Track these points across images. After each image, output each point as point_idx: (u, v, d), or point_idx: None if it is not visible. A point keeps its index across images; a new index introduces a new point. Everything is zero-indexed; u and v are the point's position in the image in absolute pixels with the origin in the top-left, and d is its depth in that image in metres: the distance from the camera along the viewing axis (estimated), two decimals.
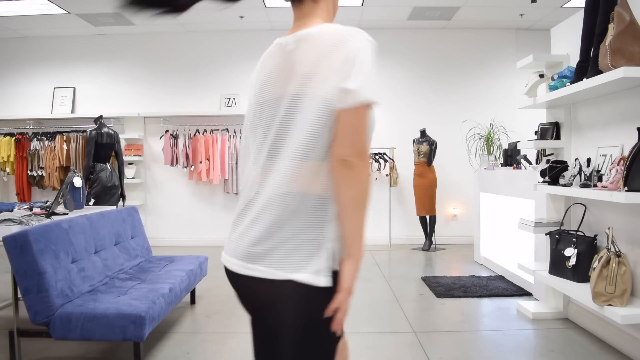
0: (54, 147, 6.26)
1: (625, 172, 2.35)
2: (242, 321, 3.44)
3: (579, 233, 2.98)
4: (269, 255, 1.04)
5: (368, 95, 1.04)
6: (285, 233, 1.04)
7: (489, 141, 5.66)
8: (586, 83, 2.68)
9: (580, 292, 2.69)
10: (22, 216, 2.94)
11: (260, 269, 1.05)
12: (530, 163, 4.41)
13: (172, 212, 6.64)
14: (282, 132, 1.07)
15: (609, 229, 2.58)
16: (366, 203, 1.06)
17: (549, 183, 3.19)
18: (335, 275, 1.07)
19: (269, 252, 1.05)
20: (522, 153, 4.72)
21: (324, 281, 1.04)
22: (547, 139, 3.47)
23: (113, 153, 5.08)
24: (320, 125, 1.04)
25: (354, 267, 1.05)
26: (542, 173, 3.28)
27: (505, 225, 4.60)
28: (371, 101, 1.05)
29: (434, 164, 6.00)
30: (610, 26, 2.49)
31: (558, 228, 3.18)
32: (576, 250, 2.88)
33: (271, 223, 1.05)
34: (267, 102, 1.13)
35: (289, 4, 1.20)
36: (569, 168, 3.10)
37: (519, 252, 4.21)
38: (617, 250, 2.50)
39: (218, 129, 6.47)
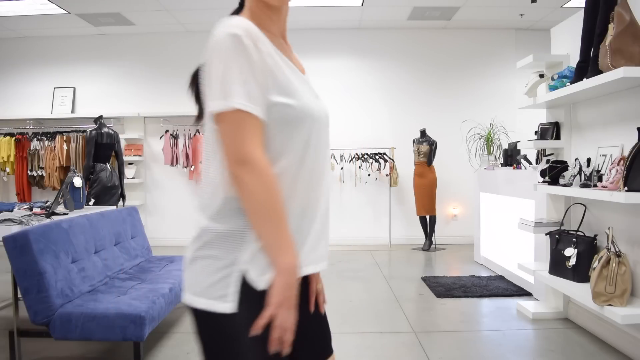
0: (54, 147, 6.26)
1: (625, 172, 2.34)
2: None
3: (579, 233, 2.98)
4: None
5: (222, 104, 0.92)
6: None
7: (489, 141, 5.65)
8: (586, 83, 2.68)
9: (580, 292, 2.69)
10: (22, 216, 2.94)
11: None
12: (530, 163, 4.41)
13: (172, 212, 6.63)
14: (204, 136, 1.04)
15: (609, 229, 2.58)
16: (270, 211, 0.93)
17: (549, 183, 3.19)
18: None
19: None
20: (522, 153, 4.71)
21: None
22: (547, 139, 3.47)
23: (113, 153, 5.08)
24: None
25: (280, 280, 0.94)
26: (542, 173, 3.28)
27: (505, 225, 4.60)
28: (232, 108, 0.91)
29: (434, 164, 6.00)
30: (610, 26, 2.49)
31: (558, 228, 3.18)
32: (576, 250, 2.88)
33: None
34: None
35: (289, 3, 1.12)
36: (569, 168, 3.10)
37: (519, 252, 4.21)
38: (617, 250, 2.50)
39: None
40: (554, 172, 3.15)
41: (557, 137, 3.43)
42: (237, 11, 1.10)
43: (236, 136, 0.92)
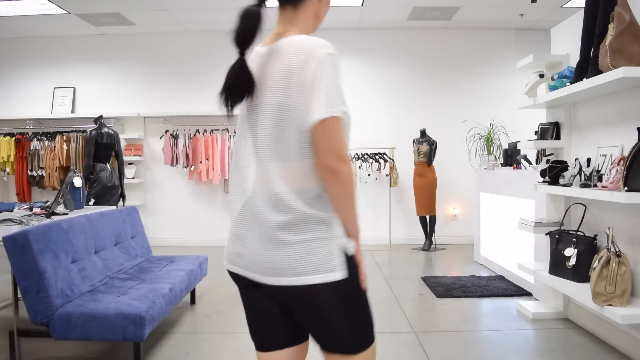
0: (54, 147, 6.26)
1: (625, 172, 2.34)
2: (242, 321, 3.43)
3: (579, 233, 2.98)
4: None
5: (329, 111, 1.11)
6: None
7: (489, 141, 5.65)
8: (586, 83, 2.68)
9: (580, 292, 2.69)
10: (22, 216, 2.94)
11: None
12: (530, 163, 4.41)
13: (172, 212, 6.64)
14: (271, 135, 1.18)
15: (609, 229, 2.58)
16: (354, 194, 1.18)
17: (549, 183, 3.19)
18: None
19: None
20: (522, 153, 4.71)
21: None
22: (547, 139, 3.47)
23: (113, 153, 5.08)
24: (303, 131, 1.15)
25: (359, 243, 1.24)
26: (542, 173, 3.28)
27: (505, 225, 4.60)
28: (333, 115, 1.12)
29: (434, 164, 6.00)
30: (610, 26, 2.49)
31: (558, 228, 3.18)
32: (576, 250, 2.88)
33: None
34: (254, 106, 1.23)
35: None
36: (569, 168, 3.10)
37: (519, 252, 4.21)
38: (617, 250, 2.50)
39: (218, 129, 6.47)
40: (554, 172, 3.15)
41: (557, 137, 3.43)
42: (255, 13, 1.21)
43: (336, 137, 1.13)
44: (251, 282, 1.23)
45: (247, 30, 1.18)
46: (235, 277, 1.29)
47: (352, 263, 1.20)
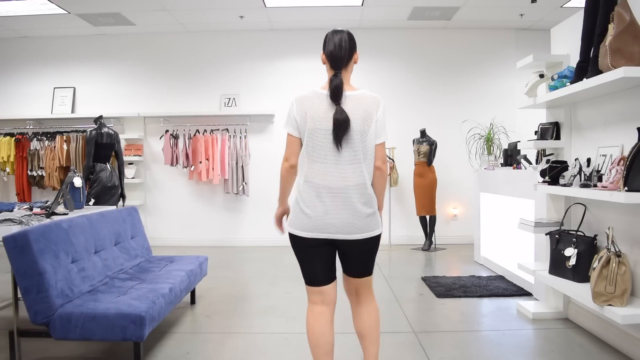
0: (54, 147, 6.26)
1: (625, 172, 2.34)
2: (242, 321, 3.44)
3: (579, 233, 2.98)
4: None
5: (384, 138, 2.09)
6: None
7: (489, 141, 5.66)
8: (586, 83, 2.68)
9: (580, 292, 2.69)
10: (22, 216, 2.94)
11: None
12: (530, 163, 4.41)
13: (172, 212, 6.64)
14: (361, 149, 2.02)
15: (609, 229, 2.58)
16: (386, 185, 2.15)
17: (549, 183, 3.19)
18: None
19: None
20: (522, 153, 4.71)
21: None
22: (547, 139, 3.47)
23: (113, 153, 5.08)
24: (373, 147, 2.06)
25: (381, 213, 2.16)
26: (542, 173, 3.28)
27: (505, 225, 4.60)
28: (385, 140, 2.10)
29: (434, 164, 6.00)
30: (610, 26, 2.49)
31: (558, 228, 3.18)
32: (576, 250, 2.88)
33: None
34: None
35: (289, 3, 1.45)
36: (569, 168, 3.10)
37: (519, 252, 4.21)
38: (617, 250, 2.50)
39: (218, 129, 6.47)
40: (554, 172, 3.15)
41: (557, 137, 3.43)
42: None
43: (384, 151, 2.09)
44: (330, 241, 2.01)
45: (339, 91, 2.00)
46: (313, 241, 2.01)
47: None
